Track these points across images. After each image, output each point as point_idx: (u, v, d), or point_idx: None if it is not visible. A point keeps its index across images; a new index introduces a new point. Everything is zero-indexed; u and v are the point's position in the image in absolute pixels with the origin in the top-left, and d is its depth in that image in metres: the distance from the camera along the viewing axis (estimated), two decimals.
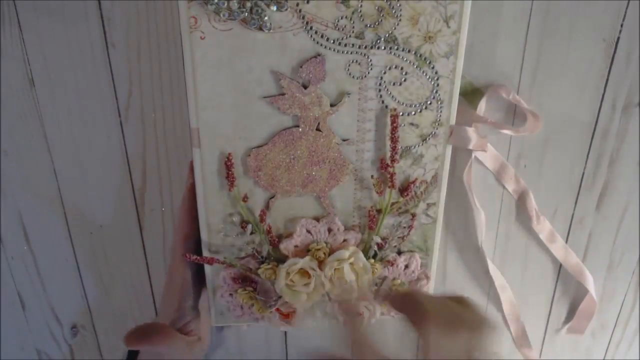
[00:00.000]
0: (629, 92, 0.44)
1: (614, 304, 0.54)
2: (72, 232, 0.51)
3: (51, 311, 0.55)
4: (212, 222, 0.41)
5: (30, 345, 0.58)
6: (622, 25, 0.41)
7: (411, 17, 0.36)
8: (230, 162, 0.39)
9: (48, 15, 0.41)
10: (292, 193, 0.41)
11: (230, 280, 0.43)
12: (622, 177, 0.48)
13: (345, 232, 0.42)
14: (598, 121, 0.45)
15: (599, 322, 0.55)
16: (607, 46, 0.42)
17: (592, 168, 0.47)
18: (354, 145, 0.39)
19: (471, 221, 0.48)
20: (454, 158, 0.42)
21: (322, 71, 0.37)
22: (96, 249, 0.52)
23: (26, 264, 0.53)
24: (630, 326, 0.55)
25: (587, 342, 0.56)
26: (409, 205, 0.42)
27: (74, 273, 0.53)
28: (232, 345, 0.57)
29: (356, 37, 0.36)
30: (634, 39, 0.42)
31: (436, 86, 0.38)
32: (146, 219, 0.50)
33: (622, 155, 0.47)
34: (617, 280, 0.53)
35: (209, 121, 0.38)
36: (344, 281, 0.41)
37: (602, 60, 0.43)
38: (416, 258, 0.44)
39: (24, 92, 0.44)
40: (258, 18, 0.34)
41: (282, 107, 0.37)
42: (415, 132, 0.39)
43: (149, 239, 0.51)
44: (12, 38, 0.42)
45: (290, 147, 0.39)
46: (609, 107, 0.44)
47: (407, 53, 0.37)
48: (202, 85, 0.37)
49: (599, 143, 0.46)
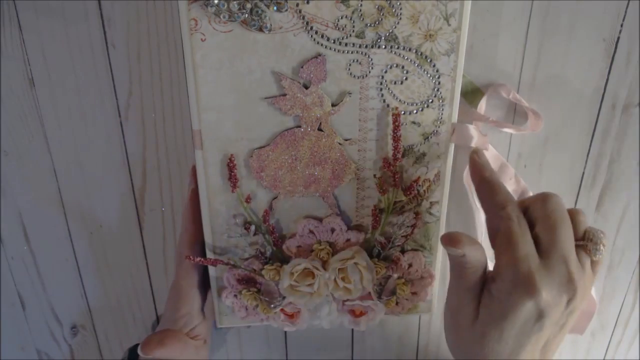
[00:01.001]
0: (629, 92, 0.44)
1: (614, 304, 0.54)
2: (72, 232, 0.51)
3: (51, 311, 0.55)
4: (216, 223, 0.41)
5: (30, 345, 0.58)
6: (622, 25, 0.41)
7: (411, 15, 0.36)
8: (233, 163, 0.39)
9: (48, 15, 0.41)
10: (295, 193, 0.41)
11: (234, 281, 0.43)
12: (622, 177, 0.48)
13: (348, 232, 0.42)
14: (598, 121, 0.45)
15: (599, 322, 0.55)
16: (607, 46, 0.42)
17: (592, 168, 0.47)
18: (356, 144, 0.39)
19: (471, 221, 0.48)
20: (454, 158, 0.42)
21: (323, 71, 0.37)
22: (96, 249, 0.51)
23: (26, 264, 0.52)
24: (630, 326, 0.55)
25: (587, 342, 0.56)
26: (412, 203, 0.42)
27: (74, 273, 0.53)
28: (232, 345, 0.57)
29: (357, 37, 0.36)
30: (634, 39, 0.42)
31: (437, 84, 0.38)
32: (146, 219, 0.50)
33: (622, 156, 0.47)
34: (617, 280, 0.53)
35: (210, 123, 0.38)
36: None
37: (602, 60, 0.43)
38: (420, 257, 0.44)
39: (24, 92, 0.44)
40: (258, 19, 0.34)
41: (284, 108, 0.37)
42: (418, 130, 0.39)
43: (149, 239, 0.51)
44: (12, 38, 0.42)
45: (292, 147, 0.39)
46: (609, 107, 0.44)
47: (408, 52, 0.37)
48: (203, 87, 0.37)
49: (599, 143, 0.46)
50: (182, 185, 0.48)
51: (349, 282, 0.42)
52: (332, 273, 0.42)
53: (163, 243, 0.51)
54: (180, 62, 0.43)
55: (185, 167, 0.47)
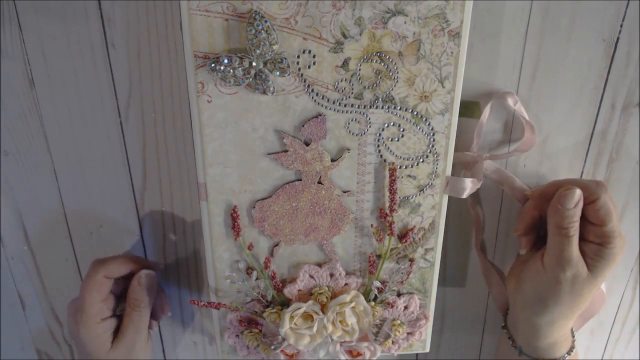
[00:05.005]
0: (629, 92, 0.44)
1: (613, 301, 0.54)
2: (72, 232, 0.51)
3: (51, 311, 0.55)
4: (219, 268, 0.43)
5: (30, 345, 0.58)
6: (622, 26, 0.41)
7: (407, 78, 0.37)
8: (236, 213, 0.41)
9: (48, 15, 0.41)
10: (296, 241, 0.42)
11: (236, 322, 0.45)
12: (621, 177, 0.48)
13: (346, 277, 0.44)
14: (597, 121, 0.45)
15: (597, 319, 0.55)
16: (607, 46, 0.42)
17: (591, 168, 0.47)
18: (354, 196, 0.41)
19: (471, 221, 0.49)
20: (447, 207, 0.43)
21: (323, 129, 0.38)
22: (96, 249, 0.51)
23: (26, 264, 0.52)
24: (628, 324, 0.55)
25: (586, 339, 0.56)
26: (408, 250, 0.44)
27: (74, 273, 0.53)
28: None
29: (355, 98, 0.38)
30: (634, 39, 0.42)
31: (432, 141, 0.40)
32: (146, 219, 0.50)
33: (621, 155, 0.46)
34: (616, 278, 0.52)
35: (215, 176, 0.40)
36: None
37: (602, 61, 0.43)
38: (415, 299, 0.46)
39: (24, 92, 0.44)
40: (262, 83, 0.36)
41: (285, 163, 0.39)
42: (413, 183, 0.41)
43: (149, 239, 0.51)
44: (12, 38, 0.42)
45: (293, 199, 0.41)
46: (609, 107, 0.44)
47: (404, 111, 0.39)
48: (209, 144, 0.38)
49: (599, 143, 0.46)
50: (182, 185, 0.47)
51: (346, 325, 0.44)
52: (330, 316, 0.43)
53: (163, 243, 0.51)
54: (181, 62, 0.43)
55: (186, 167, 0.47)
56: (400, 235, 0.43)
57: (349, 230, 0.42)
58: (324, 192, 0.41)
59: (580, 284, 0.40)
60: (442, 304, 0.53)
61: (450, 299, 0.53)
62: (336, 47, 0.36)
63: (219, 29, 0.35)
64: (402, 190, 0.41)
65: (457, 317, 0.54)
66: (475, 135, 0.43)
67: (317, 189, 0.40)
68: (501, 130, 0.45)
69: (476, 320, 0.55)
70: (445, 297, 0.53)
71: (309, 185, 0.40)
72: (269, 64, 0.36)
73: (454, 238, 0.50)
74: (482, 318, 0.54)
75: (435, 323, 0.54)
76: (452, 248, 0.51)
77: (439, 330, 0.55)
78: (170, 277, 0.52)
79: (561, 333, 0.44)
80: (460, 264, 0.52)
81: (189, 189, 0.48)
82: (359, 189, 0.41)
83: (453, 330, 0.55)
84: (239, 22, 0.35)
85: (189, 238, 0.50)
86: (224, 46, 0.35)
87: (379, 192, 0.41)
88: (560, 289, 0.41)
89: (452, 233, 0.49)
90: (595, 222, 0.40)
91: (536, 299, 0.42)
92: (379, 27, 0.36)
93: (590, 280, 0.40)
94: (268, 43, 0.35)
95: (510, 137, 0.46)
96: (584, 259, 0.40)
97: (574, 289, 0.40)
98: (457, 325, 0.55)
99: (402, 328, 0.46)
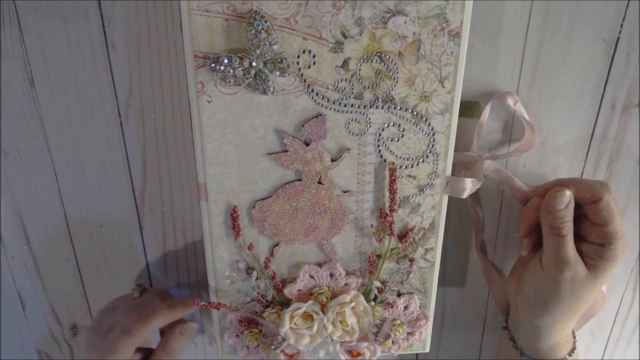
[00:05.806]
0: (629, 92, 0.44)
1: (613, 301, 0.54)
2: (72, 232, 0.51)
3: (51, 311, 0.55)
4: (219, 268, 0.43)
5: (30, 345, 0.58)
6: (622, 26, 0.41)
7: (407, 78, 0.37)
8: (236, 214, 0.41)
9: (48, 15, 0.41)
10: (296, 241, 0.42)
11: (236, 322, 0.45)
12: (621, 177, 0.48)
13: (346, 277, 0.44)
14: (597, 121, 0.45)
15: (597, 320, 0.55)
16: (607, 46, 0.42)
17: (591, 168, 0.47)
18: (354, 196, 0.41)
19: (471, 221, 0.49)
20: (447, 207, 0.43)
21: (323, 129, 0.38)
22: (96, 249, 0.52)
23: (26, 264, 0.53)
24: (628, 324, 0.55)
25: (586, 340, 0.56)
26: (408, 250, 0.44)
27: (74, 273, 0.53)
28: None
29: (355, 98, 0.38)
30: (634, 39, 0.42)
31: (432, 141, 0.40)
32: (146, 219, 0.50)
33: (621, 155, 0.47)
34: (616, 278, 0.53)
35: (215, 176, 0.40)
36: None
37: (602, 61, 0.43)
38: (415, 299, 0.46)
39: (24, 92, 0.44)
40: (262, 83, 0.36)
41: (285, 163, 0.39)
42: (413, 183, 0.41)
43: (149, 239, 0.51)
44: (12, 38, 0.42)
45: (293, 199, 0.41)
46: (609, 107, 0.44)
47: (404, 111, 0.39)
48: (209, 144, 0.38)
49: (599, 143, 0.46)
50: (182, 185, 0.48)
51: (346, 325, 0.44)
52: (330, 316, 0.43)
53: (163, 243, 0.51)
54: (180, 62, 0.43)
55: (185, 167, 0.47)
56: (400, 235, 0.43)
57: (349, 230, 0.42)
58: (324, 192, 0.41)
59: (579, 284, 0.40)
60: (442, 304, 0.53)
61: (450, 299, 0.53)
62: (336, 47, 0.36)
63: (219, 29, 0.35)
64: (402, 190, 0.41)
65: (457, 317, 0.54)
66: (475, 135, 0.43)
67: (317, 189, 0.40)
68: (501, 130, 0.45)
69: (476, 320, 0.55)
70: (445, 297, 0.53)
71: (309, 185, 0.40)
72: (269, 64, 0.36)
73: (454, 238, 0.50)
74: (482, 318, 0.54)
75: (435, 323, 0.54)
76: (452, 248, 0.51)
77: (439, 330, 0.55)
78: (170, 277, 0.52)
79: (562, 334, 0.44)
80: (460, 264, 0.52)
81: (189, 189, 0.48)
82: (359, 189, 0.41)
83: (453, 330, 0.55)
84: (239, 22, 0.35)
85: (189, 238, 0.50)
86: (224, 46, 0.35)
87: (379, 192, 0.41)
88: (560, 290, 0.41)
89: (452, 233, 0.49)
90: (598, 222, 0.40)
91: (537, 300, 0.42)
92: (379, 27, 0.36)
93: (590, 281, 0.40)
94: (268, 43, 0.35)
95: (510, 137, 0.46)
96: (584, 259, 0.40)
97: (573, 289, 0.40)
98: (457, 325, 0.55)
99: (402, 328, 0.46)
